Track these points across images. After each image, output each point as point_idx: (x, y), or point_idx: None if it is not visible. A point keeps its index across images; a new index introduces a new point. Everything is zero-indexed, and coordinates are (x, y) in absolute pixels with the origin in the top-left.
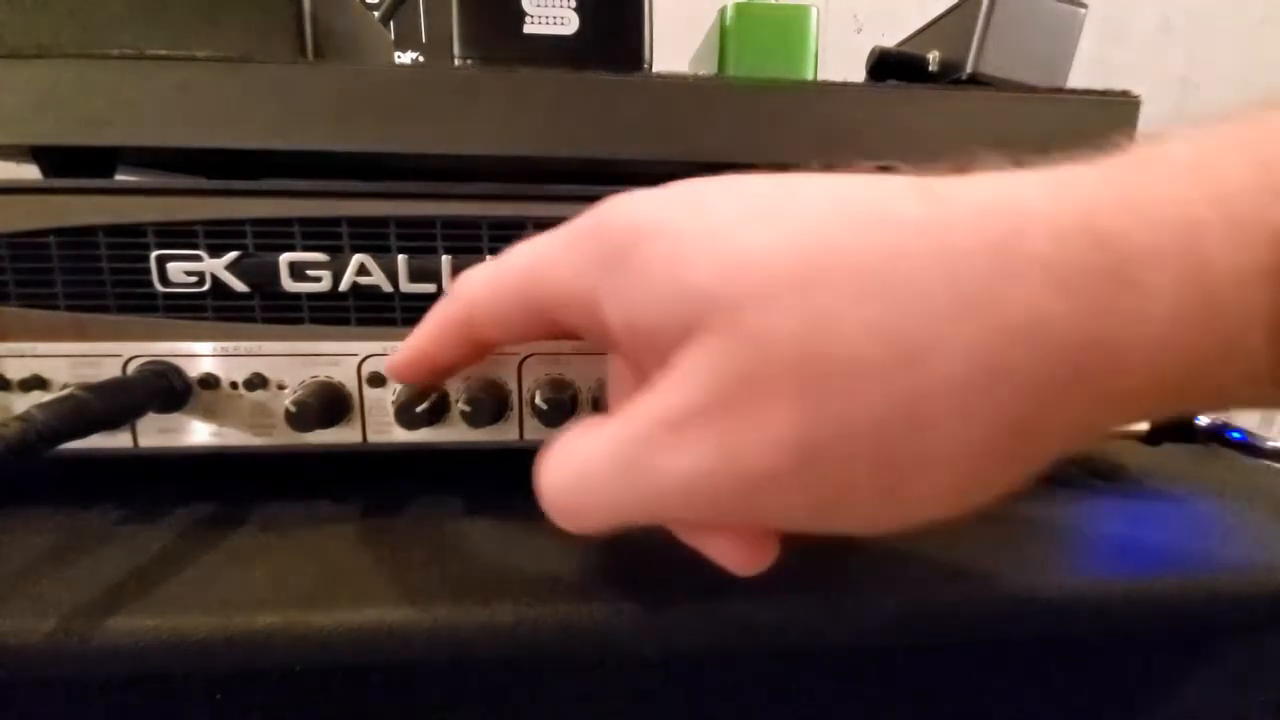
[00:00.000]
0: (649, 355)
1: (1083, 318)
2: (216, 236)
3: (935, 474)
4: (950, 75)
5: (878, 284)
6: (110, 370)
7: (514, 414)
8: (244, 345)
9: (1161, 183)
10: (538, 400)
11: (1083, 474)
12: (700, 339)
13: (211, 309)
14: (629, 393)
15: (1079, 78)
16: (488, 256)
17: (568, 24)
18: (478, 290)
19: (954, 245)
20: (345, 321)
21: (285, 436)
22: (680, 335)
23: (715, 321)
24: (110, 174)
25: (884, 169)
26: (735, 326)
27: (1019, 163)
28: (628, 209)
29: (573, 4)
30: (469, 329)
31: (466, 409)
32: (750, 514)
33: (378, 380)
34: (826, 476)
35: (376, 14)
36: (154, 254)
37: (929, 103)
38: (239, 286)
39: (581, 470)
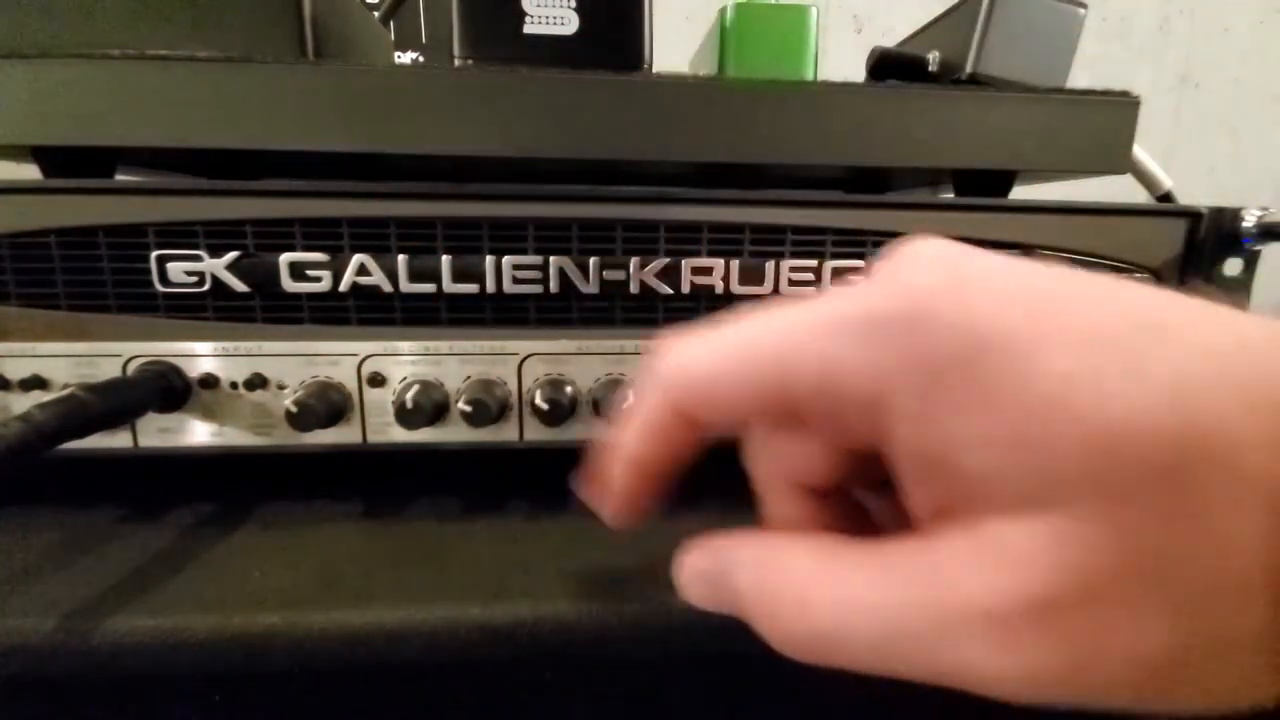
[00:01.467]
0: (940, 492)
1: None
2: (216, 236)
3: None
4: (950, 75)
5: (1271, 491)
6: (110, 370)
7: (514, 414)
8: (244, 345)
9: None
10: (538, 400)
11: None
12: (1053, 519)
13: (211, 309)
14: (813, 464)
15: (1079, 78)
16: (487, 256)
17: (568, 24)
18: (696, 370)
19: None
20: (345, 321)
21: (285, 436)
22: (1019, 502)
23: (1081, 507)
24: (110, 174)
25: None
26: (1109, 519)
27: None
28: (960, 303)
29: (573, 4)
30: (683, 416)
31: (466, 409)
32: (1076, 704)
33: (378, 380)
34: (1183, 683)
35: (376, 14)
36: (154, 254)
37: (929, 103)
38: (239, 286)
39: (843, 624)
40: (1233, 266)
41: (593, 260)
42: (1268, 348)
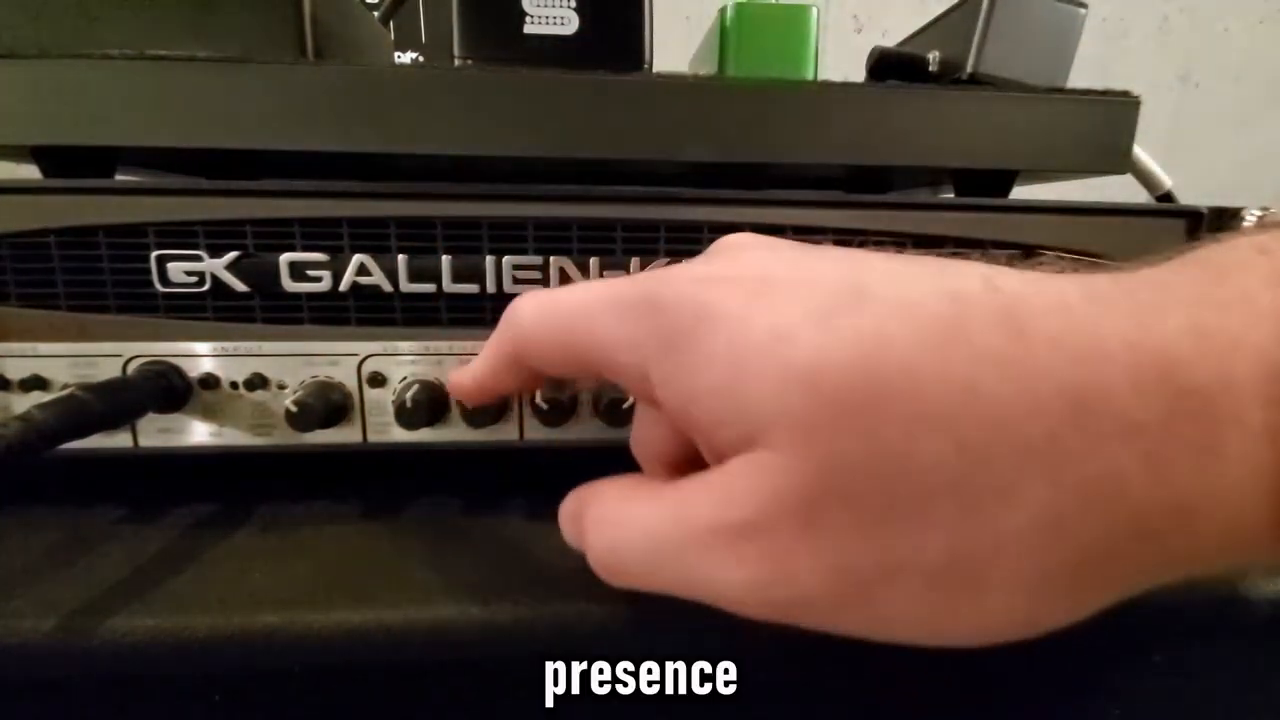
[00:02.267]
0: (699, 438)
1: (1159, 483)
2: (216, 236)
3: (990, 610)
4: (950, 75)
5: (952, 421)
6: (110, 370)
7: (514, 414)
8: (244, 345)
9: (1240, 318)
10: (538, 400)
11: None
12: (760, 452)
13: (211, 309)
14: (663, 443)
15: (1079, 78)
16: (487, 256)
17: (568, 24)
18: (526, 328)
19: (1033, 391)
20: (345, 321)
21: (285, 436)
22: (738, 441)
23: (777, 438)
24: (110, 174)
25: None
26: (799, 446)
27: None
28: (687, 286)
29: (573, 4)
30: (520, 361)
31: (466, 409)
32: (797, 623)
33: (378, 380)
34: (879, 602)
35: (376, 14)
36: (154, 254)
37: (929, 103)
38: (239, 286)
39: (626, 540)
40: None
41: (593, 260)
42: (953, 299)
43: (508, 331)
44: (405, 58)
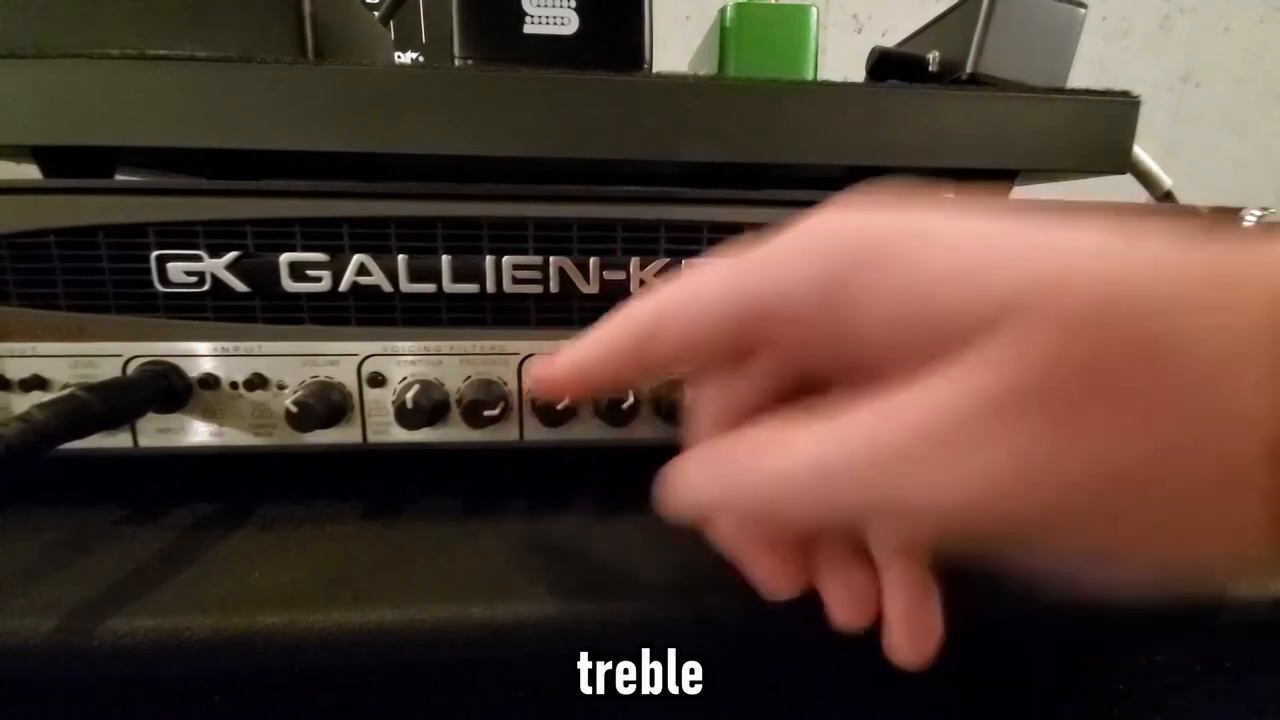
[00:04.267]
0: (904, 355)
1: None
2: (216, 236)
3: (1237, 524)
4: (950, 75)
5: (1212, 332)
6: (110, 370)
7: (514, 414)
8: (244, 345)
9: None
10: (538, 400)
11: None
12: (1007, 335)
13: (211, 309)
14: (762, 395)
15: (1079, 78)
16: (487, 256)
17: (568, 24)
18: (675, 298)
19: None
20: (345, 321)
21: (285, 436)
22: (978, 324)
23: (1028, 316)
24: (110, 174)
25: None
26: (1058, 337)
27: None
28: (862, 220)
29: (573, 4)
30: (650, 343)
31: (467, 409)
32: (1012, 539)
33: (378, 380)
34: (1118, 514)
35: (376, 14)
36: (154, 254)
37: (929, 103)
38: (239, 286)
39: (818, 464)
40: None
41: (593, 260)
42: (1211, 263)
43: (648, 308)
44: (405, 58)
